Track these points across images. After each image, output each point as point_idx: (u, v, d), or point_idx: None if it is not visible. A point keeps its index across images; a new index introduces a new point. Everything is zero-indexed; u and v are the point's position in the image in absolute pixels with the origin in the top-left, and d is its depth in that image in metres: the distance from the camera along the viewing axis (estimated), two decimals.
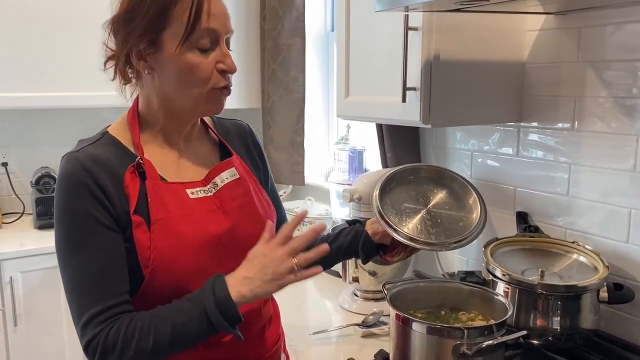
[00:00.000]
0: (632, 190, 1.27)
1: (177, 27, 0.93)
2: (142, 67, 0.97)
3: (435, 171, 1.35)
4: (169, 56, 0.94)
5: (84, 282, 0.91)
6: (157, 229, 0.94)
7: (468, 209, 1.28)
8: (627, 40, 1.24)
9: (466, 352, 1.02)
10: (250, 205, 1.07)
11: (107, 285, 0.91)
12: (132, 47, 0.95)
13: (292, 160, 2.46)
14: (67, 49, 2.42)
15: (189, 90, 0.97)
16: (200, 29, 0.93)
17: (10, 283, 2.19)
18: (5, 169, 2.69)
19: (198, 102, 0.99)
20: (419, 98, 1.30)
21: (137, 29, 0.94)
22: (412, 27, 1.27)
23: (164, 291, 0.95)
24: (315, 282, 1.91)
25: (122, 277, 0.93)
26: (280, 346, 1.17)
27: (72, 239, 0.92)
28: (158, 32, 0.93)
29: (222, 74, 0.98)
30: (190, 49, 0.94)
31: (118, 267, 0.93)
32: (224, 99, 1.02)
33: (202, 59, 0.95)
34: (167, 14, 0.92)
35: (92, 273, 0.91)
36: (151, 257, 0.93)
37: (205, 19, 0.93)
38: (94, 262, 0.91)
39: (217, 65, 0.97)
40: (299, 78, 2.38)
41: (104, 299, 0.90)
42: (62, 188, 0.93)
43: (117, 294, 0.92)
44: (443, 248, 1.23)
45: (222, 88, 0.99)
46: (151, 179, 0.97)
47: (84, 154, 0.94)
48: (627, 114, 1.26)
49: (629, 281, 1.28)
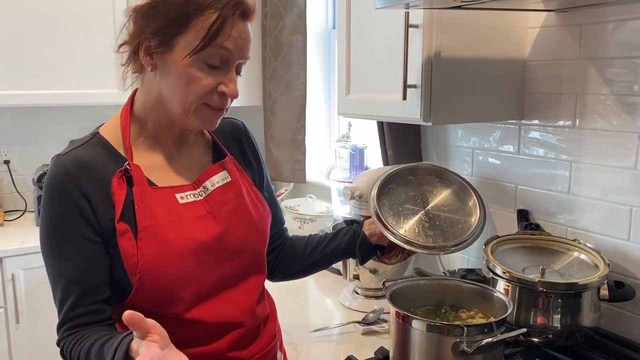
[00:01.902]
0: (633, 188, 1.26)
1: (193, 36, 0.91)
2: (146, 63, 0.96)
3: (435, 171, 1.35)
4: (175, 61, 0.93)
5: (60, 287, 0.95)
6: (144, 237, 0.94)
7: (467, 212, 1.27)
8: (629, 38, 1.24)
9: (466, 349, 1.02)
10: (243, 209, 1.06)
11: (77, 294, 0.94)
12: (143, 41, 0.94)
13: (293, 158, 2.46)
14: (68, 47, 2.42)
15: (182, 99, 0.95)
16: (215, 45, 0.92)
17: (12, 280, 2.20)
18: (8, 167, 2.70)
19: (186, 113, 0.97)
20: (420, 96, 1.29)
21: (153, 25, 0.93)
22: (413, 25, 1.27)
23: (153, 298, 0.95)
24: (316, 280, 1.91)
25: (94, 288, 0.95)
26: (276, 344, 1.17)
27: (51, 244, 0.95)
28: (173, 35, 0.92)
29: (221, 96, 0.96)
30: (197, 61, 0.93)
31: (90, 277, 0.94)
32: (215, 118, 1.00)
33: (206, 75, 0.94)
34: (188, 21, 0.91)
35: (65, 280, 0.94)
36: (138, 265, 0.93)
37: (222, 38, 0.92)
38: (67, 271, 0.94)
39: (219, 86, 0.95)
40: (300, 76, 2.38)
41: (72, 307, 0.94)
42: (46, 193, 0.94)
43: (86, 304, 0.94)
44: (440, 252, 1.22)
45: (214, 107, 0.97)
46: (138, 185, 0.96)
47: (71, 158, 0.94)
48: (629, 112, 1.26)
49: (630, 279, 1.28)
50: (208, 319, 1.00)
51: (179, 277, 0.96)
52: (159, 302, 0.95)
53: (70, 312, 0.94)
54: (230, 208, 1.04)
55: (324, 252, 1.24)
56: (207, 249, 0.99)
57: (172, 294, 0.96)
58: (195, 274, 0.97)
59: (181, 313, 0.97)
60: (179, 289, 0.96)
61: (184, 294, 0.96)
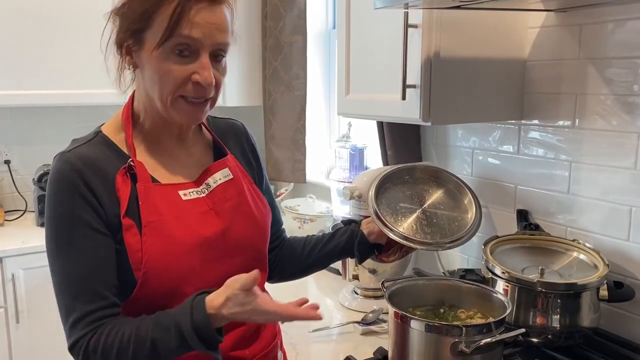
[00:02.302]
0: (632, 188, 1.26)
1: (158, 29, 0.92)
2: (128, 62, 0.97)
3: (431, 171, 1.35)
4: (147, 56, 0.94)
5: (71, 285, 0.92)
6: (148, 232, 0.94)
7: (463, 209, 1.28)
8: (628, 38, 1.24)
9: (464, 349, 1.01)
10: (244, 206, 1.07)
11: (93, 289, 0.91)
12: (122, 41, 0.96)
13: (293, 158, 2.46)
14: (69, 47, 2.42)
15: (159, 93, 0.95)
16: (179, 35, 0.91)
17: (13, 280, 2.20)
18: (8, 167, 2.70)
19: (166, 108, 0.96)
20: (419, 96, 1.29)
21: (125, 23, 0.94)
22: (412, 25, 1.27)
23: (157, 294, 0.95)
24: (316, 280, 1.91)
25: (108, 281, 0.93)
26: (277, 344, 1.17)
27: (60, 241, 0.93)
28: (141, 32, 0.93)
29: (196, 85, 0.95)
30: (165, 53, 0.92)
31: (105, 270, 0.93)
32: (196, 111, 0.98)
33: (178, 66, 0.93)
34: (151, 14, 0.92)
35: (78, 276, 0.92)
36: (143, 261, 0.92)
37: (185, 27, 0.91)
38: (81, 265, 0.92)
39: (192, 75, 0.94)
40: (301, 76, 2.38)
41: (89, 302, 0.91)
42: (52, 190, 0.93)
43: (102, 297, 0.92)
44: (438, 248, 1.23)
45: (190, 98, 0.96)
46: (142, 182, 0.96)
47: (76, 155, 0.94)
48: (628, 112, 1.26)
49: (629, 279, 1.28)
50: None
51: (183, 273, 0.96)
52: (162, 298, 0.95)
53: (88, 306, 0.90)
54: (233, 205, 1.05)
55: (322, 252, 1.24)
56: (211, 245, 0.99)
57: (175, 290, 0.95)
58: (199, 269, 0.98)
59: None
60: (183, 284, 0.96)
61: (188, 290, 0.96)
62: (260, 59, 2.56)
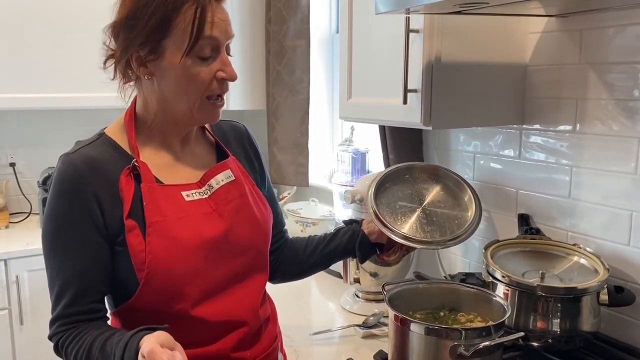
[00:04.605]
0: (633, 193, 1.26)
1: (179, 36, 0.93)
2: (142, 73, 0.97)
3: (430, 169, 1.35)
4: (170, 64, 0.94)
5: (58, 284, 0.96)
6: (152, 232, 0.95)
7: (463, 207, 1.28)
8: (629, 43, 1.24)
9: (464, 353, 1.02)
10: (246, 207, 1.08)
11: (74, 293, 0.95)
12: (133, 54, 0.96)
13: (296, 161, 2.47)
14: (73, 50, 2.44)
15: (186, 97, 0.97)
16: (203, 38, 0.93)
17: (17, 282, 2.21)
18: (13, 169, 2.72)
19: (192, 111, 0.99)
20: (420, 100, 1.30)
21: (138, 36, 0.93)
22: (414, 29, 1.28)
23: (159, 295, 0.96)
24: (317, 283, 1.92)
25: (94, 287, 0.96)
26: (277, 346, 1.18)
27: (54, 242, 0.96)
28: (159, 41, 0.93)
29: (221, 82, 0.98)
30: (193, 58, 0.94)
31: (90, 277, 0.96)
32: (217, 110, 1.02)
33: (203, 67, 0.95)
34: (169, 23, 0.92)
35: (66, 277, 0.95)
36: (146, 261, 0.94)
37: (208, 28, 0.93)
38: (69, 268, 0.95)
39: (217, 73, 0.97)
40: (304, 80, 2.39)
41: (67, 306, 0.95)
42: (54, 191, 0.95)
43: (81, 303, 0.96)
44: (439, 246, 1.23)
45: (215, 98, 1.00)
46: (146, 182, 0.98)
47: (80, 156, 0.96)
48: (629, 117, 1.26)
49: (630, 284, 1.28)
50: (212, 317, 1.01)
51: (186, 273, 0.97)
52: (164, 299, 0.96)
53: (66, 309, 0.96)
54: (235, 206, 1.06)
55: (323, 253, 1.25)
56: (213, 245, 1.00)
57: (178, 290, 0.97)
58: (202, 270, 0.99)
59: (186, 310, 0.98)
60: (186, 285, 0.97)
61: (190, 291, 0.97)
62: (264, 63, 2.57)
